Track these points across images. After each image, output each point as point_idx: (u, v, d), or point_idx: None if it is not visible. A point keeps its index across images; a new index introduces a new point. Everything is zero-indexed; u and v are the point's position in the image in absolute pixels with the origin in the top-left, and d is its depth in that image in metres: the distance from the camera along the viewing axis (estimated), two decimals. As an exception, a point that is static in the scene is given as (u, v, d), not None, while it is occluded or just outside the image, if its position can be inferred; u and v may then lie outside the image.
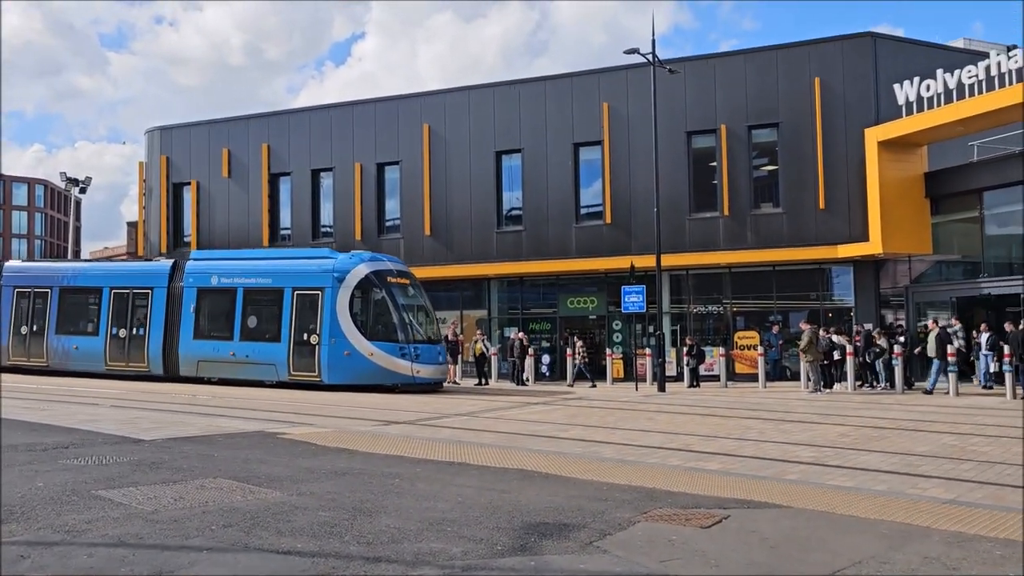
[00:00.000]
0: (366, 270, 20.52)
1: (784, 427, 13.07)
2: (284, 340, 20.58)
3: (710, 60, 26.25)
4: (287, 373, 20.52)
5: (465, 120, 28.86)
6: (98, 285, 23.95)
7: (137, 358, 22.88)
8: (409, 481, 8.30)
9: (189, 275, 22.59)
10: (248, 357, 21.07)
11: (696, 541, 6.07)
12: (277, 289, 21.11)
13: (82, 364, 23.53)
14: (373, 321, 20.33)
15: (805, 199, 24.35)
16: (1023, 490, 7.94)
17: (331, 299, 20.20)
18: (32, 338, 24.58)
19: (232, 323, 21.52)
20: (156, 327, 22.66)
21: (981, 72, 20.63)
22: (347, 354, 19.88)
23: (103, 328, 23.49)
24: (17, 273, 25.87)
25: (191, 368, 21.99)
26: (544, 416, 14.87)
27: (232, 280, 21.88)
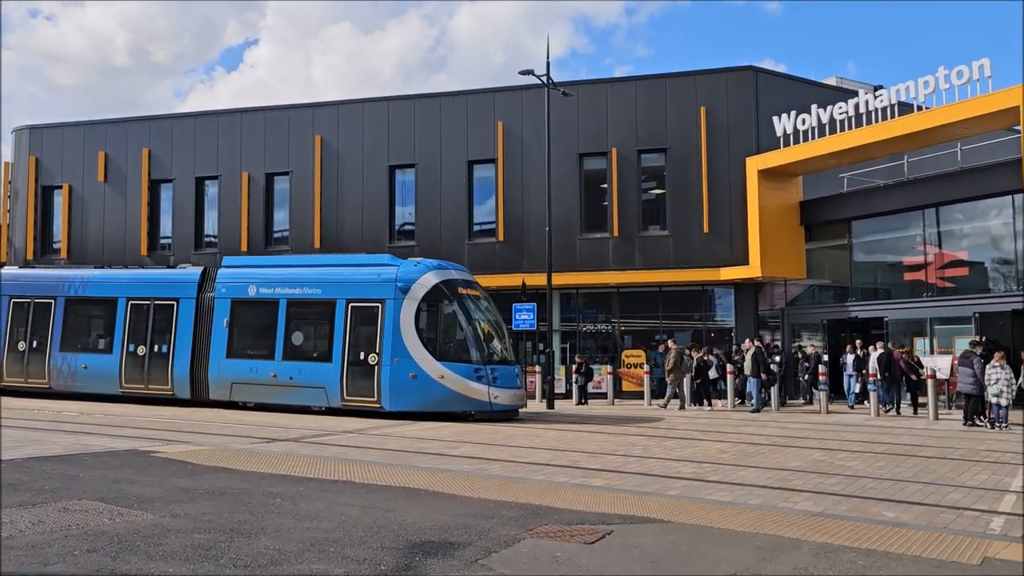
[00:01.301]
0: (435, 279, 17.79)
1: (667, 444, 13.42)
2: (336, 360, 17.83)
3: (603, 85, 26.94)
4: (339, 398, 17.75)
5: (359, 132, 28.52)
6: (112, 295, 20.74)
7: (159, 379, 19.79)
8: (291, 500, 8.05)
9: (221, 284, 19.62)
10: (292, 379, 18.23)
11: (580, 557, 6.13)
12: (328, 301, 18.30)
13: (92, 385, 20.47)
14: (444, 338, 17.73)
15: (690, 223, 25.26)
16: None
17: (393, 313, 17.48)
18: (31, 356, 21.28)
19: (273, 340, 18.64)
20: (182, 344, 19.63)
21: (851, 109, 22.00)
22: (412, 376, 17.16)
23: (118, 345, 20.34)
24: (14, 281, 22.33)
25: (223, 391, 19.03)
26: (433, 433, 14.75)
27: (273, 290, 18.96)
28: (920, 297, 22.19)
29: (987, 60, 18.98)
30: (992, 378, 16.28)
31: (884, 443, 13.70)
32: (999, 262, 21.05)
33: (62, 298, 21.40)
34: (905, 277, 23.00)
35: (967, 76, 19.31)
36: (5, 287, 22.08)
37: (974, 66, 19.20)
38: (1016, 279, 20.36)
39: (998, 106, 18.77)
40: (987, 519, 7.87)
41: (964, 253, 21.85)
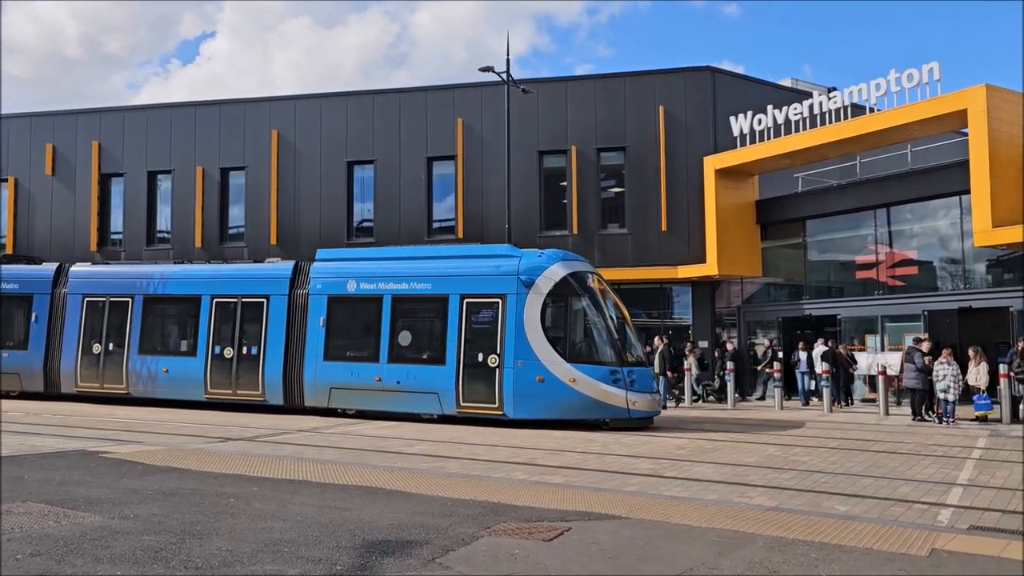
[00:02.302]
0: (562, 271, 16.00)
1: (625, 440, 13.50)
2: (450, 362, 16.10)
3: (562, 83, 26.98)
4: (454, 404, 15.98)
5: (316, 128, 28.18)
6: (196, 293, 18.94)
7: (248, 383, 18.00)
8: (245, 500, 7.91)
9: (317, 279, 17.84)
10: (400, 384, 16.47)
11: (538, 554, 6.12)
12: (439, 297, 16.54)
13: (174, 391, 18.71)
14: (574, 337, 15.98)
15: (649, 221, 25.44)
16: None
17: (516, 309, 15.78)
18: (108, 359, 19.39)
19: (377, 340, 16.87)
20: (274, 345, 17.90)
21: (806, 110, 22.34)
22: (540, 380, 15.41)
23: (202, 346, 18.55)
24: (86, 279, 20.27)
25: (321, 397, 17.30)
26: (391, 431, 14.65)
27: (376, 286, 17.20)
28: (872, 295, 22.65)
29: (936, 64, 19.41)
30: (940, 374, 16.68)
31: (836, 438, 13.95)
32: (947, 261, 21.57)
33: (140, 296, 19.51)
34: (857, 275, 23.44)
35: (917, 79, 19.73)
36: (77, 285, 20.18)
37: (924, 69, 19.62)
38: (963, 278, 20.88)
39: (946, 109, 19.21)
40: (935, 511, 8.05)
41: (914, 252, 22.34)
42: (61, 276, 20.44)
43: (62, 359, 19.79)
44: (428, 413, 16.24)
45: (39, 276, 20.67)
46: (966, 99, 18.81)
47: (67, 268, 20.53)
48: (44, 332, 20.06)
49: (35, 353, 20.07)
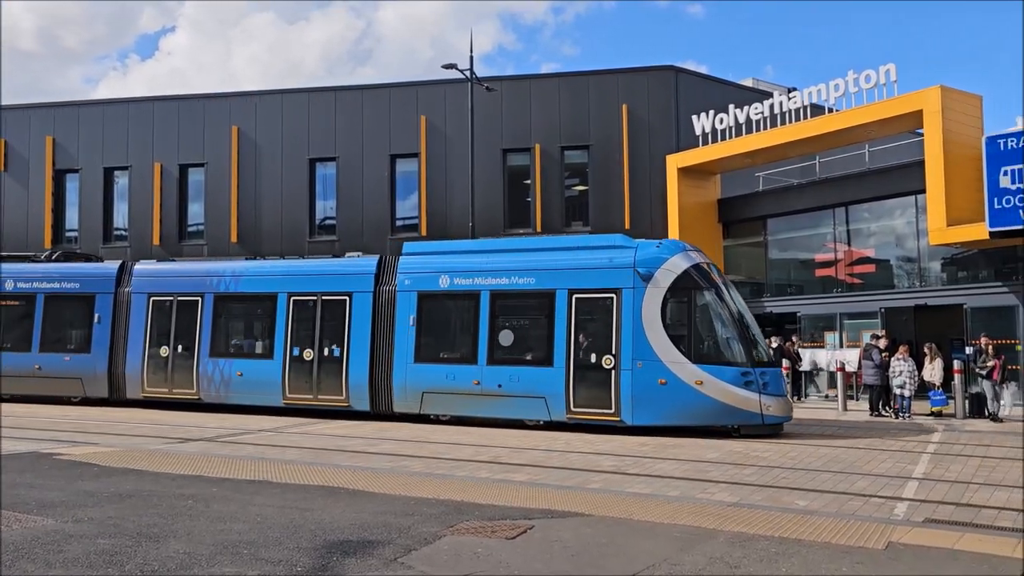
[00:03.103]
0: (684, 263, 14.60)
1: (589, 438, 13.54)
2: (559, 363, 14.76)
3: (526, 81, 27.01)
4: (564, 409, 14.60)
5: (278, 124, 27.86)
6: (271, 291, 17.55)
7: (331, 387, 16.63)
8: (204, 502, 7.78)
9: (405, 274, 16.43)
10: (501, 388, 15.11)
11: (501, 552, 6.10)
12: (545, 292, 15.17)
13: (249, 396, 17.37)
14: (700, 335, 14.63)
15: (612, 219, 25.56)
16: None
17: (633, 305, 14.36)
18: (177, 362, 18.02)
19: (475, 340, 15.54)
20: (358, 347, 16.50)
21: (766, 110, 22.62)
22: (662, 383, 14.08)
23: (279, 348, 17.17)
24: (152, 277, 18.80)
25: (412, 402, 15.88)
26: (353, 431, 14.53)
27: (472, 281, 15.79)
28: (830, 293, 23.01)
29: (893, 65, 19.77)
30: (896, 370, 17.00)
31: (796, 434, 14.15)
32: (903, 260, 22.00)
33: (210, 295, 18.07)
34: (816, 273, 23.80)
35: (874, 80, 20.08)
36: (142, 284, 18.68)
37: (881, 70, 19.97)
38: (918, 276, 21.31)
39: (902, 110, 19.58)
40: (892, 505, 8.19)
41: (871, 251, 22.73)
42: (124, 274, 19.03)
43: (127, 363, 18.37)
44: (533, 419, 14.93)
45: (101, 274, 19.22)
46: (921, 100, 19.18)
47: (130, 266, 19.21)
48: (108, 334, 18.65)
49: (98, 357, 18.60)
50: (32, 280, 19.51)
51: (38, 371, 18.91)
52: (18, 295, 19.48)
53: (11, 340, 19.32)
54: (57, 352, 18.92)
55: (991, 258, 19.46)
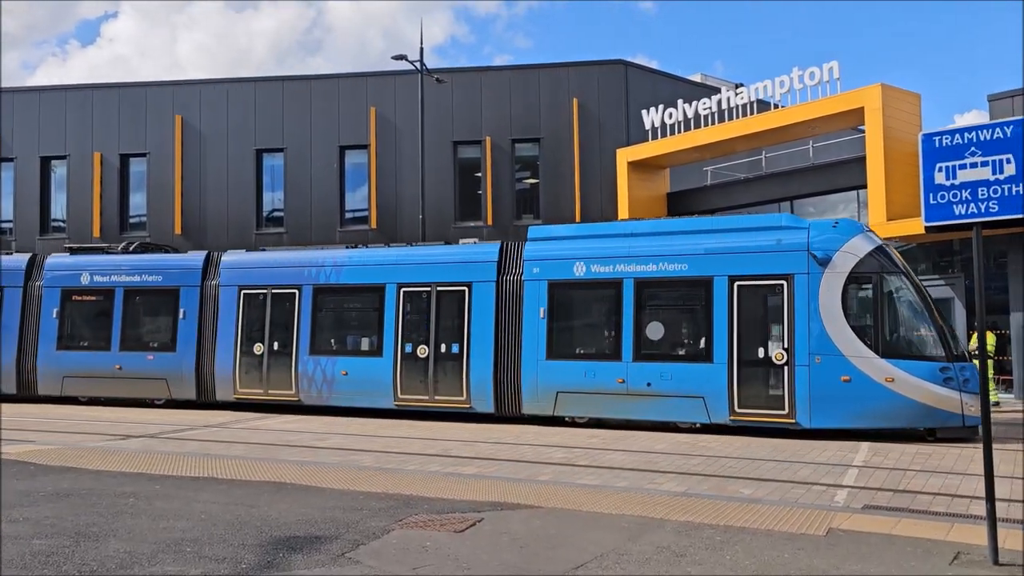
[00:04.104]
0: (867, 245, 12.96)
1: (539, 431, 13.59)
2: (719, 359, 13.29)
3: (477, 73, 26.91)
4: (726, 410, 13.09)
5: (223, 114, 27.29)
6: (378, 282, 16.06)
7: (449, 388, 15.19)
8: (146, 500, 7.62)
9: (533, 263, 14.94)
10: (651, 386, 13.64)
11: (449, 546, 6.09)
12: (700, 280, 13.69)
13: (355, 397, 15.89)
14: (888, 326, 13.08)
15: (563, 212, 25.64)
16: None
17: (809, 292, 12.82)
18: (273, 361, 16.48)
19: (618, 334, 14.12)
20: (480, 342, 15.05)
21: (714, 105, 22.90)
22: (845, 380, 12.56)
23: (390, 344, 15.66)
24: (242, 268, 17.24)
25: (544, 403, 14.43)
26: (301, 425, 14.35)
27: (612, 268, 14.31)
28: (776, 285, 23.41)
29: (836, 63, 20.18)
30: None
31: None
32: (846, 253, 22.46)
33: (309, 287, 16.59)
34: (763, 267, 24.17)
35: (818, 77, 20.47)
36: (231, 276, 17.16)
37: (824, 68, 20.37)
38: (860, 269, 21.79)
39: (845, 107, 20.01)
40: (833, 493, 8.39)
41: (815, 244, 23.17)
42: (210, 266, 17.59)
43: (217, 362, 16.91)
44: (689, 422, 13.50)
45: (186, 267, 17.72)
46: (863, 98, 19.63)
47: (217, 257, 17.73)
48: (194, 331, 17.20)
49: (185, 356, 17.18)
50: (110, 273, 17.95)
51: (119, 371, 17.41)
52: (95, 290, 17.98)
53: (88, 338, 17.94)
54: (139, 351, 17.52)
55: (929, 252, 20.04)
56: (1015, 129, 5.83)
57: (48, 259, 18.54)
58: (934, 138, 6.17)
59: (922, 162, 6.21)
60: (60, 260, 18.47)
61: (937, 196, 6.14)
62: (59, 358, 17.87)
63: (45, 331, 17.97)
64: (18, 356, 18.05)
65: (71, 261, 18.36)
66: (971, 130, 6.02)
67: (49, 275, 18.25)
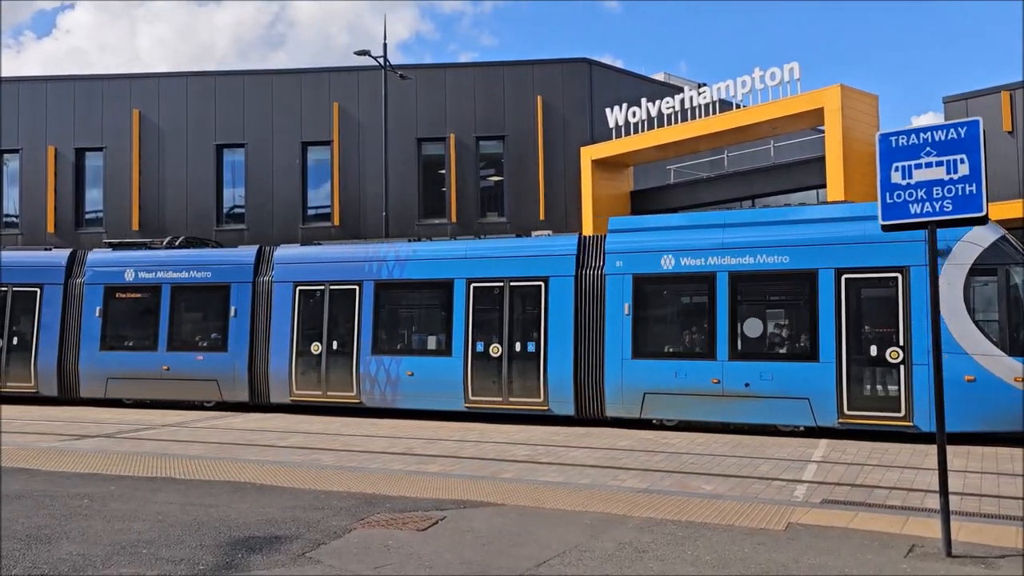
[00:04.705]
0: (990, 235, 12.09)
1: (503, 428, 13.58)
2: (826, 357, 12.38)
3: (441, 70, 26.81)
4: (834, 413, 12.20)
5: (182, 108, 26.85)
6: (446, 277, 15.14)
7: (525, 389, 14.31)
8: (100, 501, 7.46)
9: (616, 255, 13.99)
10: (749, 387, 12.76)
11: (412, 544, 6.05)
12: (803, 273, 12.80)
13: (422, 399, 14.95)
14: (1018, 322, 12.07)
15: (528, 210, 25.68)
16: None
17: (925, 286, 11.73)
18: (332, 361, 15.60)
19: (711, 331, 13.22)
20: (558, 340, 14.16)
21: (677, 104, 23.10)
22: (969, 380, 11.65)
23: (459, 343, 14.77)
24: (296, 263, 16.31)
25: (630, 404, 13.54)
26: (262, 424, 14.17)
27: (704, 261, 13.41)
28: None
29: (796, 64, 20.48)
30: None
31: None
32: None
33: (371, 283, 15.66)
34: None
35: (779, 78, 20.75)
36: (286, 271, 16.21)
37: (785, 69, 20.65)
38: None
39: (805, 107, 20.32)
40: (792, 488, 8.51)
41: (776, 243, 23.47)
42: (263, 261, 16.64)
43: (272, 362, 16.00)
44: (791, 425, 12.60)
45: (237, 262, 16.73)
46: (822, 98, 19.95)
47: (270, 251, 16.77)
48: (247, 330, 16.27)
49: (237, 355, 16.23)
50: (156, 269, 16.99)
51: (166, 372, 16.49)
52: (140, 287, 17.02)
53: (134, 338, 16.96)
54: (188, 351, 16.58)
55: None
56: (969, 130, 5.95)
57: (90, 255, 17.55)
58: (891, 138, 6.27)
59: (879, 162, 6.30)
60: (102, 256, 17.48)
61: (894, 195, 6.24)
62: (103, 359, 16.85)
63: (87, 331, 16.96)
64: (59, 357, 17.01)
65: (114, 257, 17.38)
66: (926, 131, 6.13)
67: (91, 272, 17.20)
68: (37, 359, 17.06)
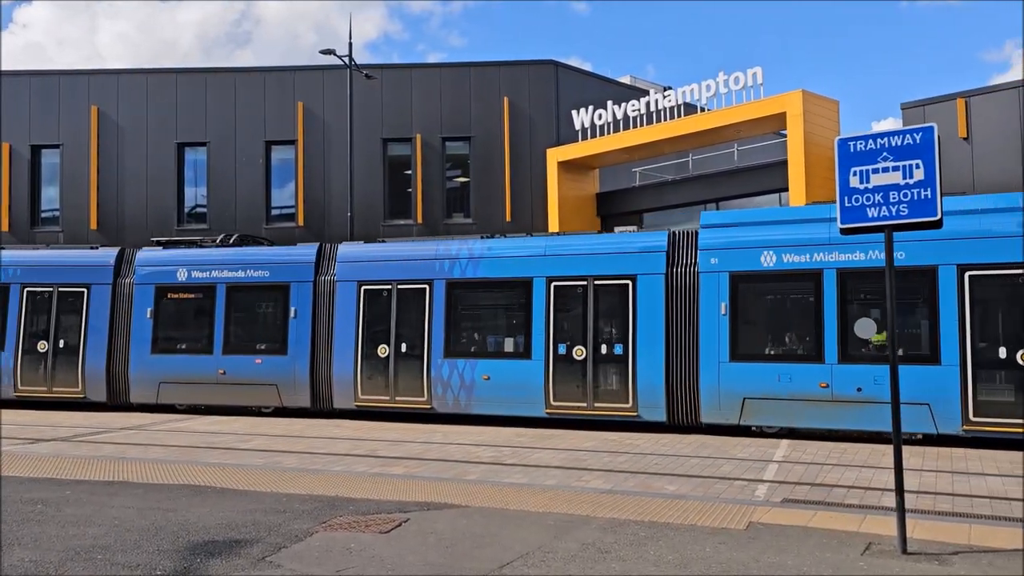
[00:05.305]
0: None
1: (468, 429, 13.55)
2: (948, 360, 11.58)
3: (407, 70, 26.69)
4: (959, 419, 11.46)
5: (143, 106, 26.40)
6: (525, 275, 14.34)
7: (613, 393, 13.51)
8: (55, 506, 7.30)
9: (710, 251, 13.16)
10: (862, 392, 11.84)
11: (375, 547, 6.01)
12: (921, 269, 11.86)
13: (500, 404, 14.15)
14: None
15: (494, 211, 25.67)
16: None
17: None
18: (401, 364, 14.80)
19: (819, 332, 12.32)
20: (648, 341, 13.34)
21: (643, 107, 23.26)
22: None
23: (539, 345, 14.02)
24: (360, 262, 15.45)
25: (727, 411, 12.68)
26: (223, 427, 13.99)
27: (810, 257, 12.51)
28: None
29: (759, 69, 20.74)
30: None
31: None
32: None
33: (441, 282, 14.89)
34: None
35: (743, 82, 21.00)
36: (349, 270, 15.40)
37: (749, 73, 20.90)
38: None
39: (768, 111, 20.59)
40: (753, 487, 8.61)
41: (739, 245, 23.73)
42: (324, 259, 15.90)
43: (335, 366, 15.19)
44: (910, 433, 11.63)
45: (297, 260, 15.96)
46: (785, 103, 20.23)
47: (332, 249, 16.02)
48: (308, 332, 15.47)
49: (297, 359, 15.44)
50: (210, 268, 16.18)
51: (222, 377, 15.73)
52: (194, 287, 16.23)
53: (187, 340, 16.18)
54: (245, 354, 15.75)
55: None
56: (924, 136, 6.08)
57: (139, 253, 16.74)
58: (849, 143, 6.37)
59: (837, 166, 6.41)
60: (153, 254, 16.68)
61: (852, 199, 6.35)
62: (154, 363, 16.08)
63: (138, 333, 16.16)
64: (108, 361, 16.22)
65: (165, 255, 16.60)
66: (883, 136, 6.24)
67: (141, 271, 16.42)
68: (85, 362, 16.29)
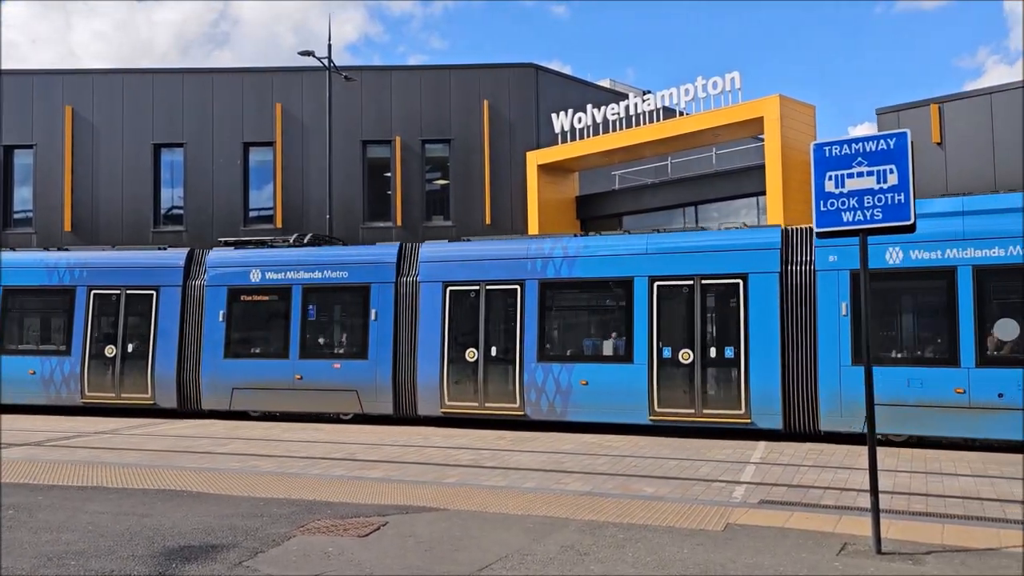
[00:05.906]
0: None
1: (447, 432, 13.53)
2: None
3: (387, 72, 26.63)
4: None
5: (118, 106, 26.13)
6: (625, 275, 13.56)
7: (724, 400, 12.78)
8: (27, 512, 7.20)
9: (828, 249, 12.23)
10: (1004, 398, 11.07)
11: (353, 551, 5.99)
12: None
13: (598, 410, 13.40)
14: None
15: (473, 214, 25.66)
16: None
17: None
18: (490, 368, 14.12)
19: (952, 333, 11.55)
20: (761, 344, 12.58)
21: (622, 111, 23.36)
22: None
23: (642, 348, 13.23)
24: (445, 261, 14.75)
25: (850, 416, 11.73)
26: (200, 431, 13.87)
27: (940, 253, 11.66)
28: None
29: (737, 73, 20.89)
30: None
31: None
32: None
33: (535, 282, 14.15)
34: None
35: (721, 87, 21.15)
36: (433, 270, 14.70)
37: (727, 78, 21.06)
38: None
39: (745, 116, 20.76)
40: (731, 489, 8.66)
41: (718, 248, 23.88)
42: (405, 259, 15.21)
43: (420, 371, 14.55)
44: None
45: (377, 260, 15.27)
46: (762, 108, 20.40)
47: (413, 248, 15.30)
48: (390, 335, 14.82)
49: (379, 363, 14.81)
50: (285, 269, 15.55)
51: (299, 382, 15.09)
52: (268, 288, 15.62)
53: (262, 344, 15.66)
54: (323, 358, 15.19)
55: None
56: (898, 141, 6.15)
57: (210, 254, 16.16)
58: (824, 148, 6.44)
59: (813, 171, 6.47)
60: (224, 255, 16.05)
61: (827, 203, 6.41)
62: (227, 368, 15.49)
63: (210, 337, 15.61)
64: (178, 366, 15.68)
65: (238, 256, 15.99)
66: (858, 141, 6.31)
67: (212, 272, 15.83)
68: (154, 368, 15.72)
